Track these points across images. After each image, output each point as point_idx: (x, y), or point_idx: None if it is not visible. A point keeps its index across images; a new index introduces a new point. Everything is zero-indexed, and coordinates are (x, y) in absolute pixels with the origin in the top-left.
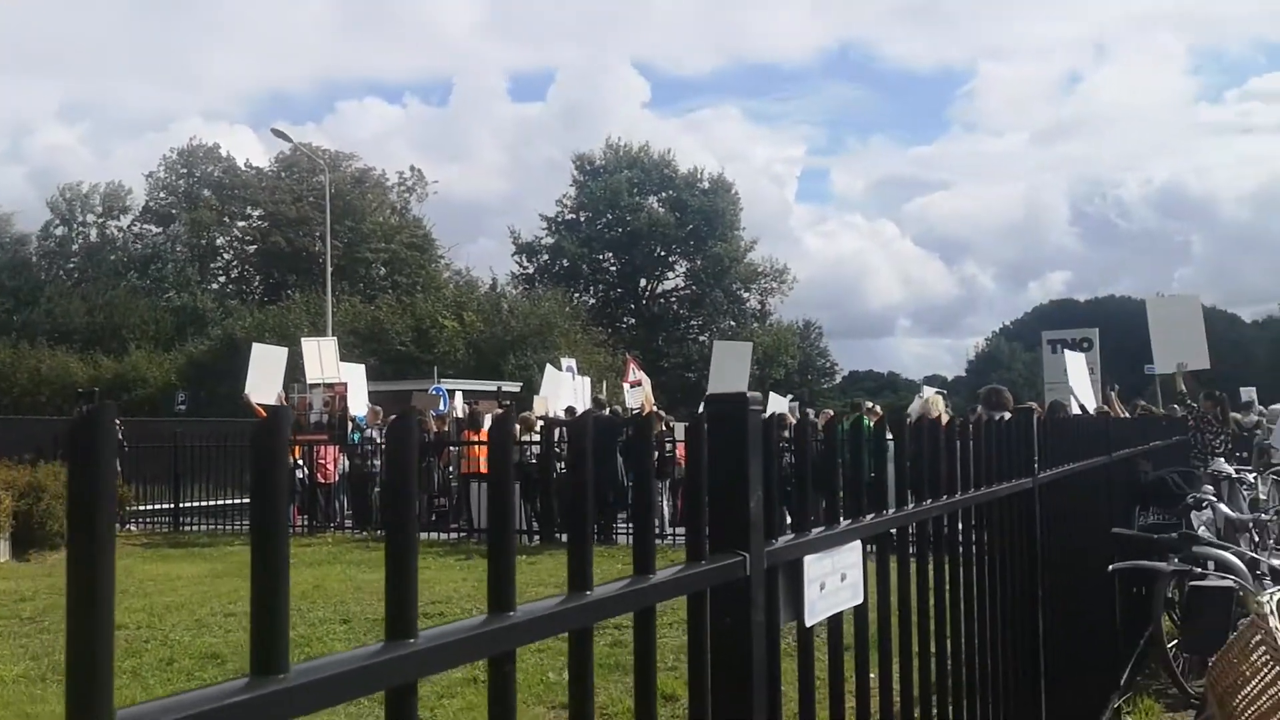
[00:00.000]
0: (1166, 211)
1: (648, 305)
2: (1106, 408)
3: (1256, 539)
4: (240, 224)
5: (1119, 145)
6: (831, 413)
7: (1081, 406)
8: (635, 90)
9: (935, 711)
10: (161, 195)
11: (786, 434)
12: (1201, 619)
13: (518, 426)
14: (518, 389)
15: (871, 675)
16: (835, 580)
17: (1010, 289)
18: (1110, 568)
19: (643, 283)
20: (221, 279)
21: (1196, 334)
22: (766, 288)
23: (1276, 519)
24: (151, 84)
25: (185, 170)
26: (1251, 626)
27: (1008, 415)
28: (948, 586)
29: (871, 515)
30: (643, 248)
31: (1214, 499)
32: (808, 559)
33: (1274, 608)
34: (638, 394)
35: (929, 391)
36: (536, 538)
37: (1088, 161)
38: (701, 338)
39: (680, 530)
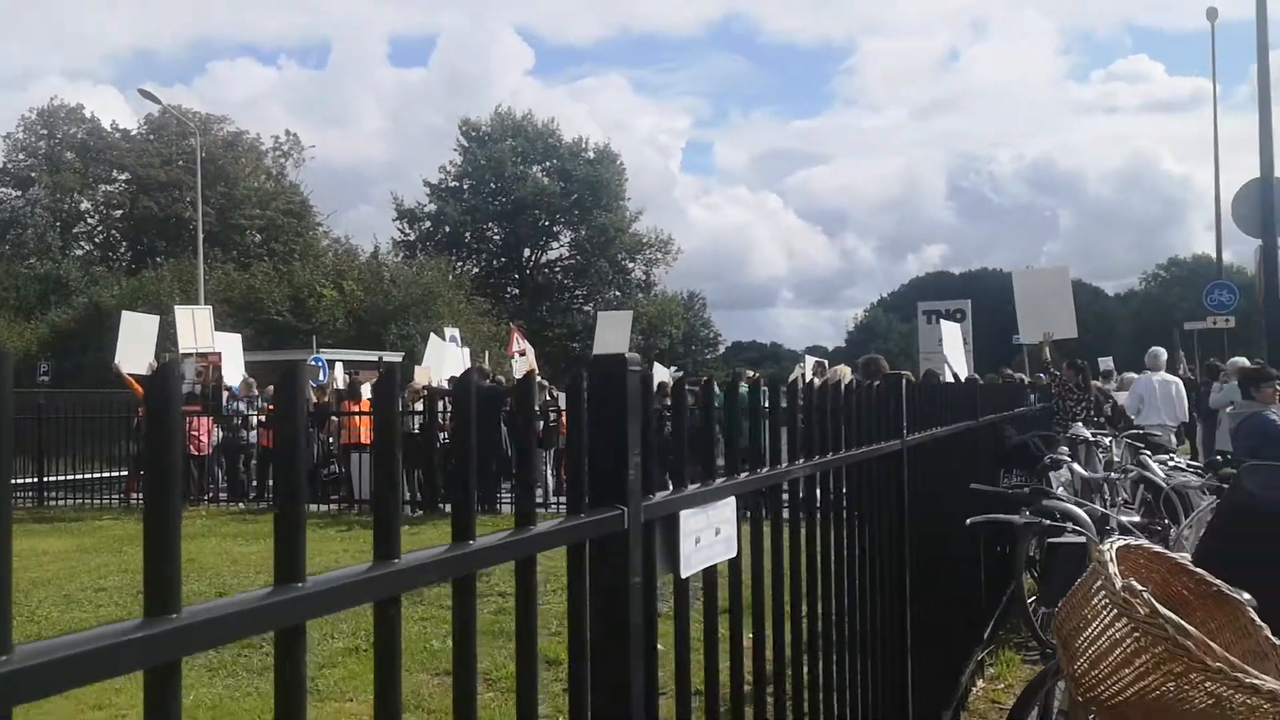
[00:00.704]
0: (1037, 187)
1: (532, 275)
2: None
3: (1108, 497)
4: (106, 188)
5: (993, 122)
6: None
7: (954, 375)
8: (519, 57)
9: (806, 662)
10: (20, 157)
11: (668, 401)
12: (1057, 574)
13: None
14: (400, 359)
15: (748, 636)
16: (710, 534)
17: (889, 261)
18: (968, 521)
19: (527, 252)
20: (86, 245)
21: (1065, 305)
22: (651, 258)
23: (1123, 477)
24: (8, 39)
25: (46, 131)
26: (1093, 574)
27: None
28: (818, 545)
29: (745, 474)
30: (527, 217)
31: (1069, 459)
32: (684, 514)
33: (1113, 555)
34: (522, 364)
35: (811, 361)
36: (419, 510)
37: (964, 137)
38: (586, 308)
39: (563, 500)
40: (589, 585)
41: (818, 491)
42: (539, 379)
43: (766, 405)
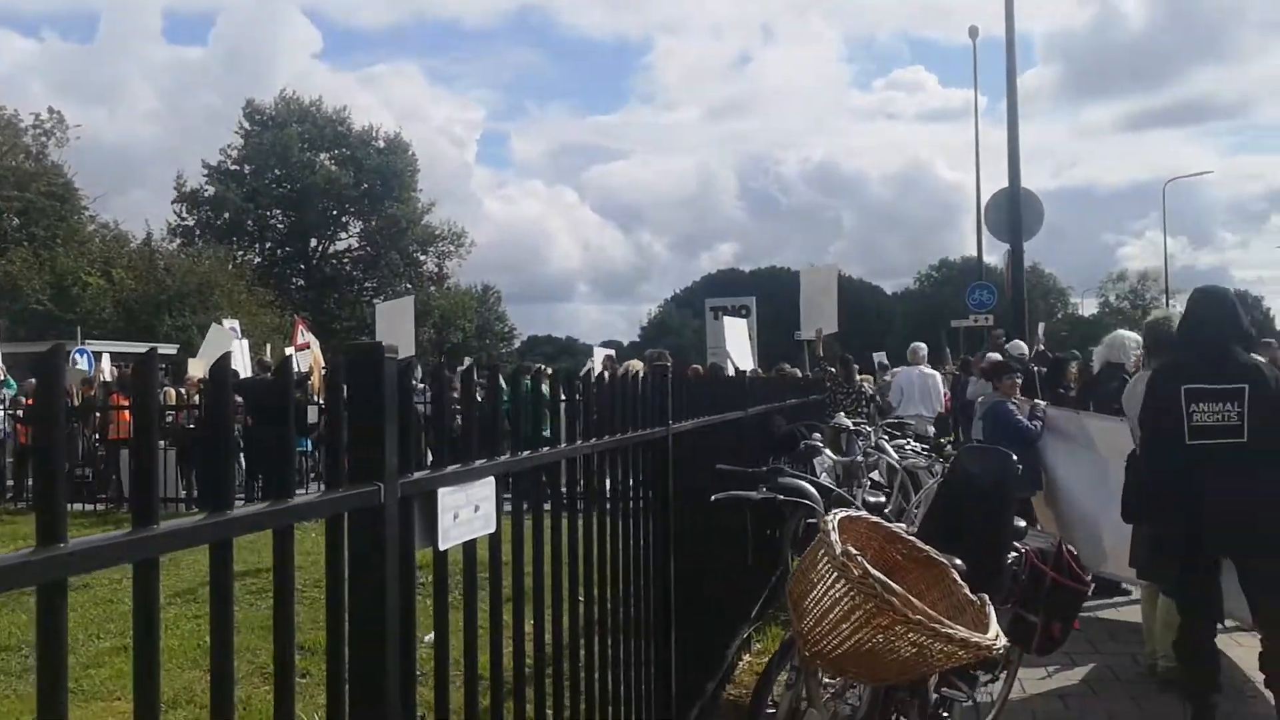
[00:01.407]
0: (822, 188)
1: (318, 266)
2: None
3: (862, 479)
4: None
5: (782, 124)
6: None
7: (736, 369)
8: (306, 40)
9: (571, 642)
10: None
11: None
12: None
13: (175, 391)
14: (174, 351)
15: (529, 625)
16: (469, 511)
17: (683, 258)
18: (713, 498)
19: (313, 242)
20: None
21: (831, 301)
22: (444, 251)
23: (867, 460)
24: None
25: None
26: (818, 542)
27: None
28: (580, 526)
29: (505, 456)
30: (314, 206)
31: (820, 445)
32: (442, 490)
33: (835, 525)
34: (306, 357)
35: (601, 354)
36: (195, 506)
37: (754, 138)
38: (376, 300)
39: None
40: (347, 558)
41: (583, 475)
42: (324, 371)
43: (547, 395)
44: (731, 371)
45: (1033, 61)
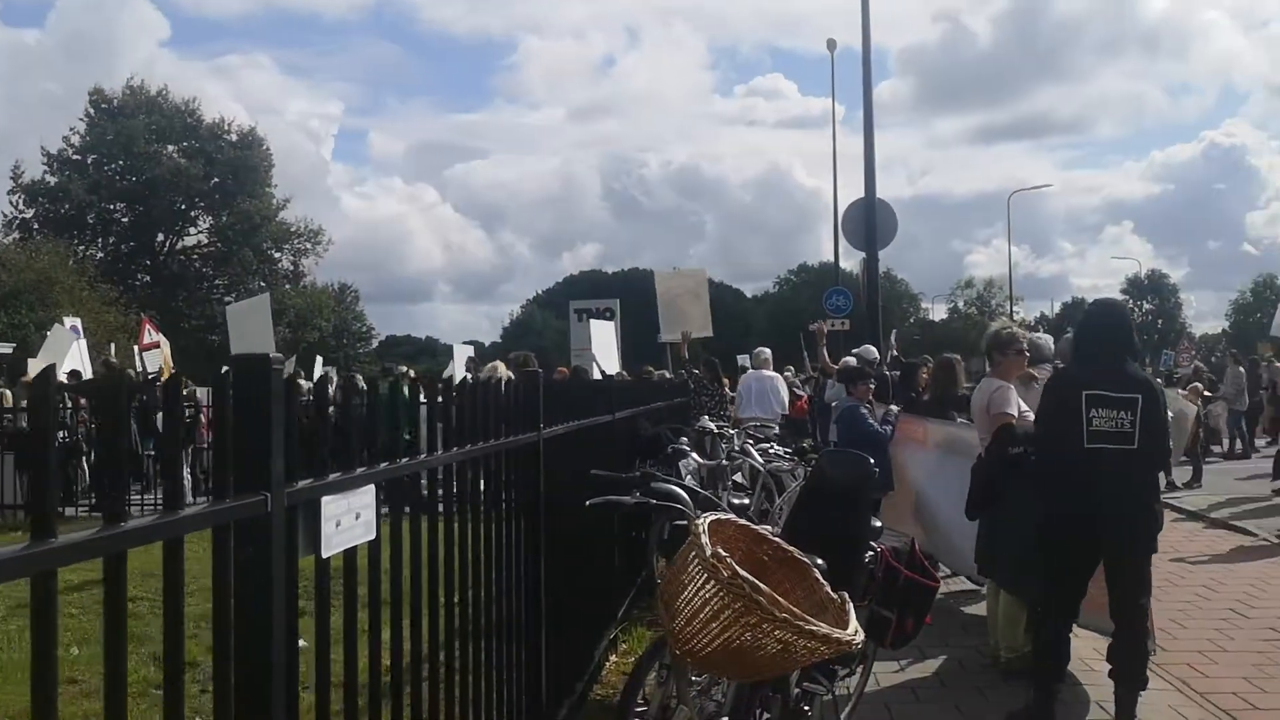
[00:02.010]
0: (684, 192)
1: (166, 262)
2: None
3: (726, 481)
4: None
5: (645, 127)
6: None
7: (602, 372)
8: (152, 26)
9: (445, 647)
10: None
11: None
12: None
13: (9, 393)
14: (10, 350)
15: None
16: (351, 519)
17: (545, 258)
18: (587, 503)
19: (160, 237)
20: None
21: (702, 305)
22: (300, 248)
23: (731, 464)
24: None
25: None
26: (689, 544)
27: None
28: (455, 532)
29: (385, 463)
30: (161, 199)
31: (688, 449)
32: (325, 499)
33: (705, 528)
34: (155, 356)
35: (463, 355)
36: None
37: (617, 140)
38: (228, 299)
39: (204, 499)
40: (234, 567)
41: (455, 482)
42: (173, 371)
43: (413, 400)
44: (597, 374)
45: (888, 74)
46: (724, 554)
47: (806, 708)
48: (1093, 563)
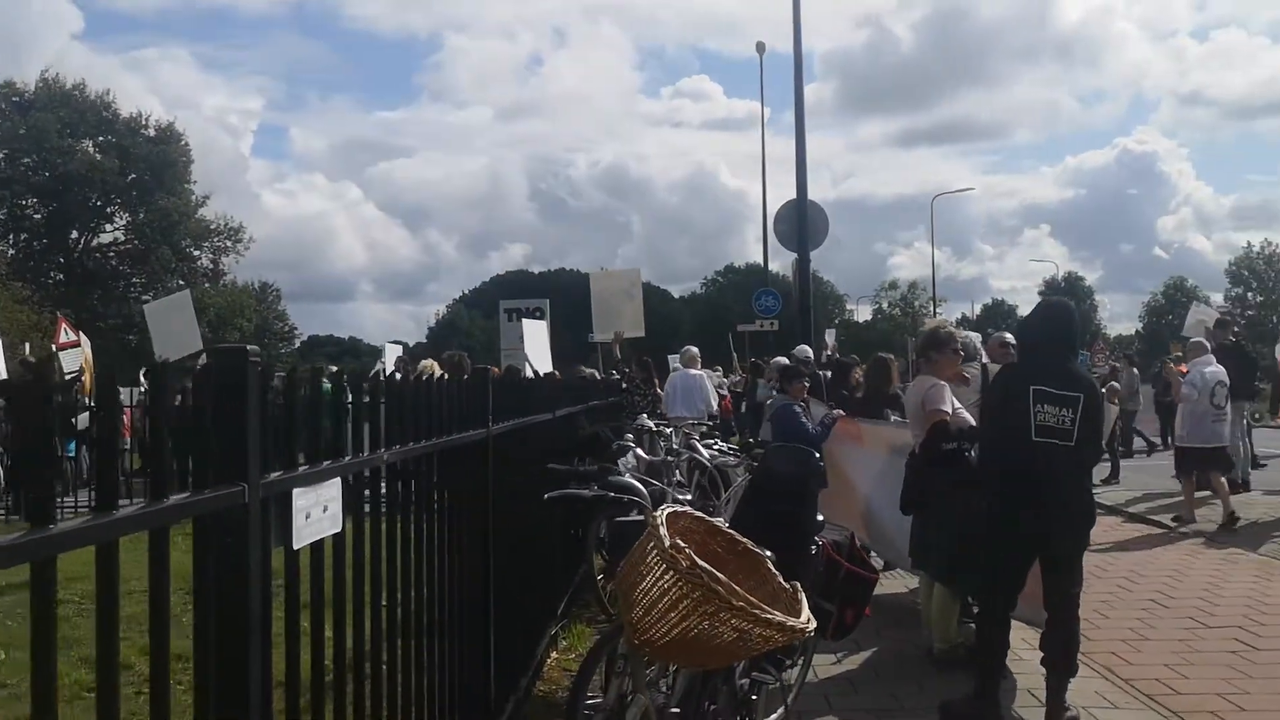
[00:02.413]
0: (611, 192)
1: (81, 260)
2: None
3: (667, 477)
4: None
5: (572, 127)
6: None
7: (535, 371)
8: (65, 18)
9: (394, 644)
10: None
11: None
12: (622, 549)
13: None
14: None
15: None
16: (319, 511)
17: (472, 258)
18: (545, 496)
19: (75, 234)
20: None
21: (635, 305)
22: (220, 246)
23: (675, 459)
24: None
25: None
26: (648, 535)
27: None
28: (413, 525)
29: (349, 457)
30: (75, 195)
31: (633, 445)
32: (296, 491)
33: (663, 520)
34: (75, 355)
35: (392, 353)
36: None
37: (545, 140)
38: (145, 297)
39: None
40: (212, 558)
41: (411, 478)
42: (92, 371)
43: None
44: (530, 374)
45: (812, 77)
46: (682, 545)
47: (754, 696)
48: (1035, 555)
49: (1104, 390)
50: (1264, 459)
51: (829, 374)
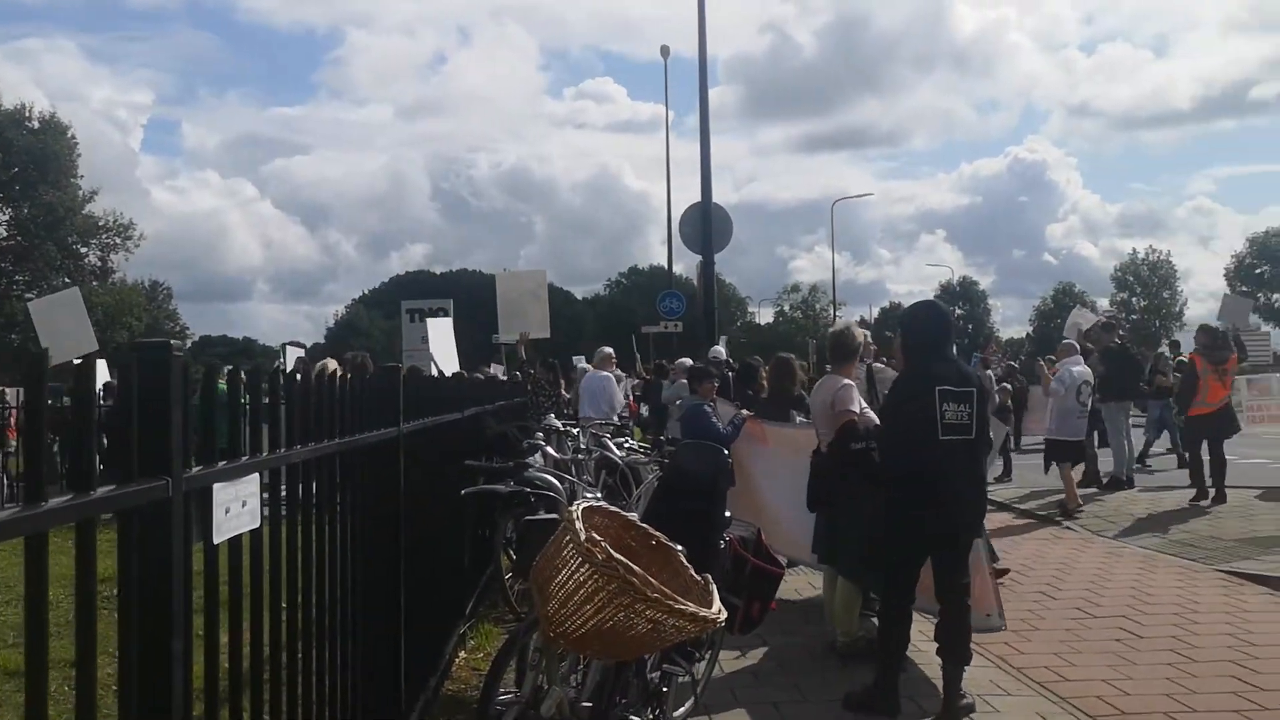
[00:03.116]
0: (514, 193)
1: None
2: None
3: (575, 475)
4: None
5: (475, 127)
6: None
7: (440, 371)
8: None
9: (305, 646)
10: None
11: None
12: (532, 548)
13: None
14: None
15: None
16: (238, 506)
17: (372, 258)
18: (463, 491)
19: None
20: None
21: (541, 306)
22: (109, 243)
23: (586, 457)
24: None
25: None
26: (563, 530)
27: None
28: (327, 524)
29: (267, 453)
30: None
31: (543, 444)
32: (216, 486)
33: (579, 514)
34: None
35: (293, 354)
36: None
37: (447, 140)
38: (29, 295)
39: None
40: (135, 551)
41: (325, 479)
42: None
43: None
44: (435, 374)
45: (716, 81)
46: (598, 538)
47: (665, 689)
48: (933, 552)
49: (998, 390)
50: (1148, 460)
51: (731, 375)
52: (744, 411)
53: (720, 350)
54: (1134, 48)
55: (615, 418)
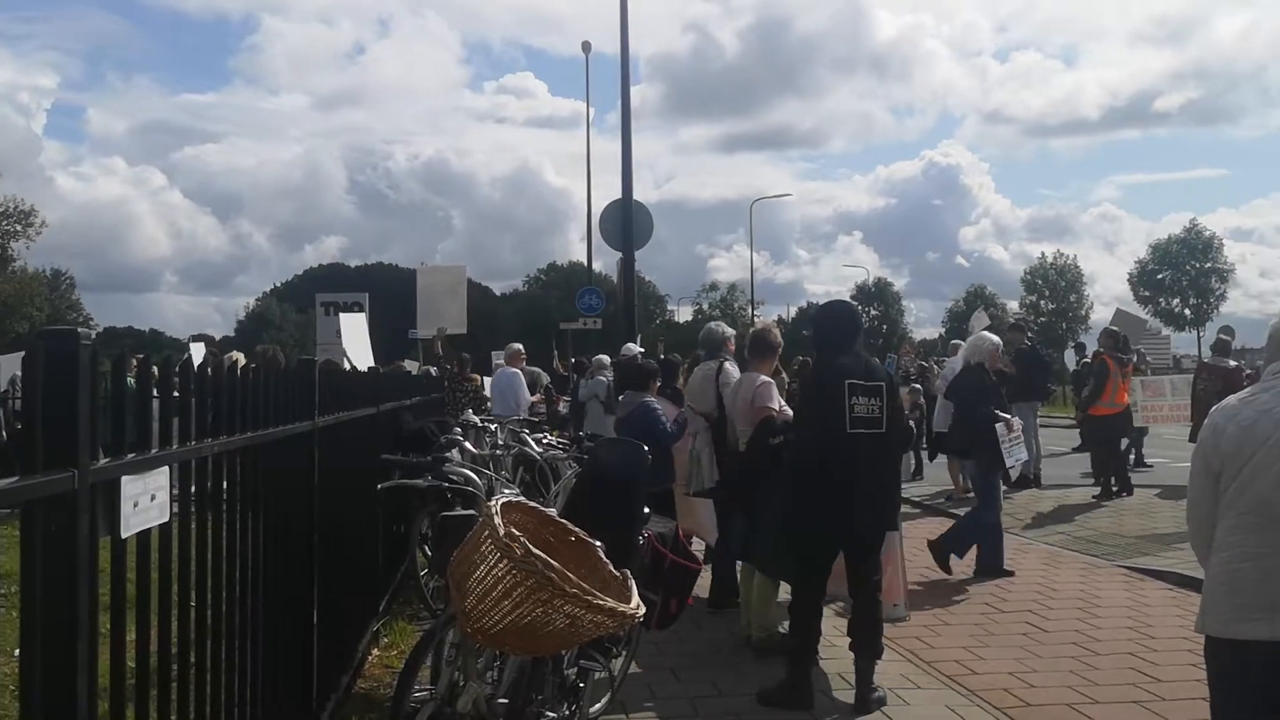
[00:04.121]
0: (432, 187)
1: None
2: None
3: (492, 471)
4: None
5: (393, 119)
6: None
7: (354, 365)
8: None
9: (212, 644)
10: None
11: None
12: (449, 544)
13: None
14: None
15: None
16: (147, 500)
17: (285, 250)
18: (379, 486)
19: None
20: None
21: (459, 302)
22: (8, 230)
23: (505, 453)
24: None
25: None
26: (481, 525)
27: None
28: (239, 519)
29: (178, 445)
30: None
31: (461, 438)
32: (125, 479)
33: (498, 509)
34: None
35: (200, 349)
36: None
37: (364, 131)
38: None
39: None
40: (39, 546)
41: (237, 472)
42: None
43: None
44: (349, 368)
45: (638, 79)
46: (516, 534)
47: (582, 685)
48: (843, 545)
49: (906, 391)
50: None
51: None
52: (683, 410)
53: (633, 348)
54: (1044, 57)
55: (520, 414)
